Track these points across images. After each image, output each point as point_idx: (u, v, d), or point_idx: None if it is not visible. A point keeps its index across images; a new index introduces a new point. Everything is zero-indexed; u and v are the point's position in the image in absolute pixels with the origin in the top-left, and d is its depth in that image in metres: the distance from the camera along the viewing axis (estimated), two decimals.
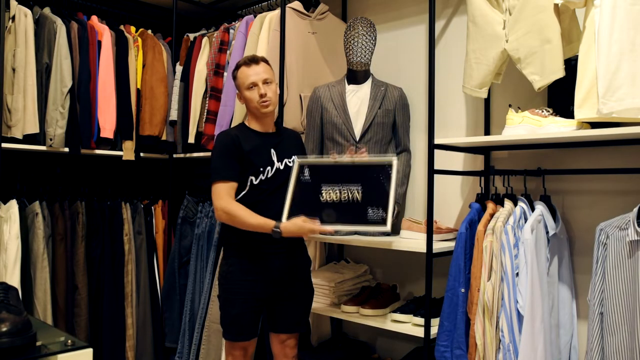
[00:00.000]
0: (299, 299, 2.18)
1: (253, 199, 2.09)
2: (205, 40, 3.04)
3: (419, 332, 2.10)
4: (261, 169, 2.11)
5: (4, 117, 2.60)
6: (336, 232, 2.29)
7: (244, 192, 2.12)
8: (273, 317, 2.18)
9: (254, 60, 2.13)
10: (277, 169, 2.13)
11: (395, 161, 2.08)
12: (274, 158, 2.14)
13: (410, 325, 2.19)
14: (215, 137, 2.81)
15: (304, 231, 2.00)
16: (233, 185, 2.09)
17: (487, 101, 2.38)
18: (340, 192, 2.09)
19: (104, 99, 2.93)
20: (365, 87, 2.52)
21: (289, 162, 2.17)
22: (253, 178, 2.10)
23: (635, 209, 1.75)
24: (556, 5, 1.84)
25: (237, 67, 2.16)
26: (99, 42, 2.95)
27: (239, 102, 2.22)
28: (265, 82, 2.11)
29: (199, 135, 2.98)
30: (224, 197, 2.06)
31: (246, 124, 2.21)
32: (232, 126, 2.74)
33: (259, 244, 2.09)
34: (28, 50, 2.67)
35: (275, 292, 2.13)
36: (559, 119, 1.89)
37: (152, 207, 3.25)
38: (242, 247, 2.12)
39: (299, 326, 2.21)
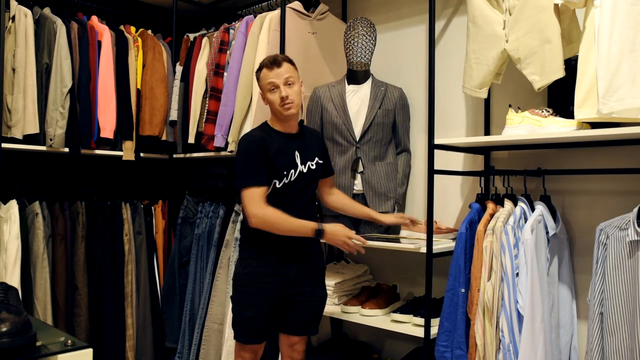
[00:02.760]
0: (312, 302, 2.15)
1: (274, 202, 2.02)
2: (205, 40, 3.04)
3: (419, 332, 2.10)
4: (285, 172, 2.05)
5: (4, 117, 2.60)
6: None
7: (266, 195, 2.05)
8: (284, 318, 2.16)
9: (275, 62, 2.05)
10: (301, 172, 2.09)
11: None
12: (298, 161, 2.09)
13: (410, 325, 2.18)
14: (214, 136, 2.82)
15: (341, 235, 2.02)
16: (265, 189, 2.02)
17: (487, 101, 2.38)
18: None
19: (104, 99, 2.93)
20: (365, 87, 2.52)
21: (312, 165, 2.13)
22: (277, 182, 2.05)
23: (635, 209, 1.74)
24: (556, 5, 1.84)
25: (260, 67, 2.10)
26: (99, 42, 2.95)
27: (263, 103, 2.14)
28: (287, 83, 2.05)
29: (199, 135, 2.98)
30: (258, 202, 1.98)
31: (269, 123, 2.14)
32: (231, 126, 2.74)
33: (277, 246, 2.07)
34: (28, 51, 2.67)
35: (289, 295, 2.11)
36: (559, 119, 1.89)
37: (152, 207, 3.25)
38: (259, 249, 2.09)
39: (309, 329, 2.18)
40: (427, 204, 2.07)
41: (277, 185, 2.06)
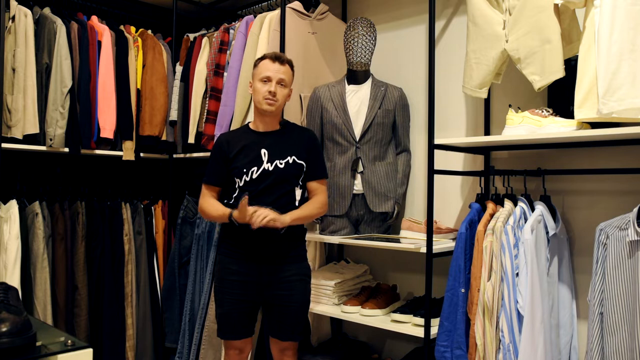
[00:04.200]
0: (289, 306, 2.11)
1: (239, 201, 2.05)
2: (205, 40, 3.04)
3: (419, 332, 2.10)
4: (244, 170, 2.09)
5: (4, 117, 2.60)
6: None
7: (234, 195, 2.13)
8: (269, 320, 2.17)
9: (279, 58, 2.12)
10: (264, 170, 2.09)
11: None
12: (264, 158, 2.10)
13: (410, 325, 2.18)
14: (214, 136, 2.82)
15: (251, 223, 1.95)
16: (214, 188, 2.18)
17: (487, 101, 2.38)
18: None
19: (104, 99, 2.93)
20: (365, 87, 2.52)
21: (280, 163, 2.10)
22: (238, 180, 2.11)
23: (635, 209, 1.75)
24: (556, 5, 1.84)
25: (263, 57, 2.14)
26: (99, 42, 2.95)
27: (249, 91, 2.20)
28: (280, 82, 2.10)
29: (199, 135, 2.98)
30: (202, 196, 2.20)
31: (250, 124, 2.22)
32: (231, 126, 2.74)
33: (247, 246, 2.10)
34: (28, 50, 2.67)
35: (268, 296, 2.11)
36: (559, 119, 1.89)
37: (152, 207, 3.25)
38: (231, 247, 2.13)
39: (293, 334, 2.14)
40: (427, 204, 2.07)
41: (240, 184, 2.10)
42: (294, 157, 2.13)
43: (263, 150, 2.11)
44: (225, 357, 2.22)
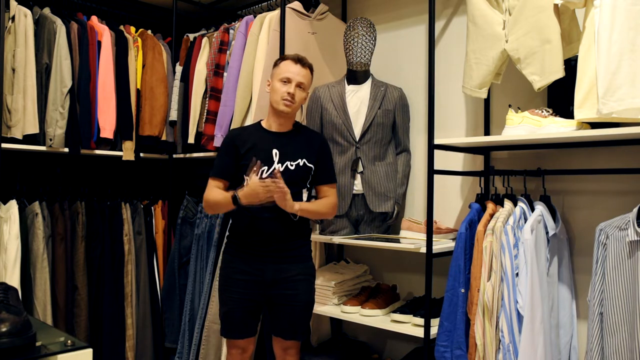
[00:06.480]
0: (293, 306, 2.11)
1: None
2: (205, 40, 3.04)
3: (419, 332, 2.10)
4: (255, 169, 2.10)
5: (3, 118, 2.60)
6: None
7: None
8: (271, 319, 2.17)
9: (301, 61, 2.12)
10: (275, 170, 2.10)
11: None
12: (275, 159, 2.10)
13: (410, 326, 2.19)
14: (214, 136, 2.82)
15: (258, 190, 1.96)
16: (222, 182, 2.14)
17: (487, 101, 2.38)
18: None
19: (104, 99, 2.93)
20: (365, 88, 2.52)
21: (291, 164, 2.11)
22: (247, 178, 2.09)
23: (635, 209, 1.75)
24: (556, 5, 1.84)
25: (285, 58, 2.14)
26: (99, 43, 2.95)
27: (266, 89, 2.20)
28: (299, 85, 2.10)
29: (198, 135, 2.98)
30: (207, 189, 2.14)
31: (262, 122, 2.21)
32: (231, 126, 2.75)
33: (250, 244, 2.10)
34: (28, 51, 2.67)
35: (270, 296, 2.11)
36: (558, 119, 1.89)
37: (152, 208, 3.25)
38: (237, 246, 2.13)
39: (296, 334, 2.14)
40: (427, 204, 2.07)
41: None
42: (304, 159, 2.14)
43: (274, 150, 2.11)
44: (227, 357, 2.22)
